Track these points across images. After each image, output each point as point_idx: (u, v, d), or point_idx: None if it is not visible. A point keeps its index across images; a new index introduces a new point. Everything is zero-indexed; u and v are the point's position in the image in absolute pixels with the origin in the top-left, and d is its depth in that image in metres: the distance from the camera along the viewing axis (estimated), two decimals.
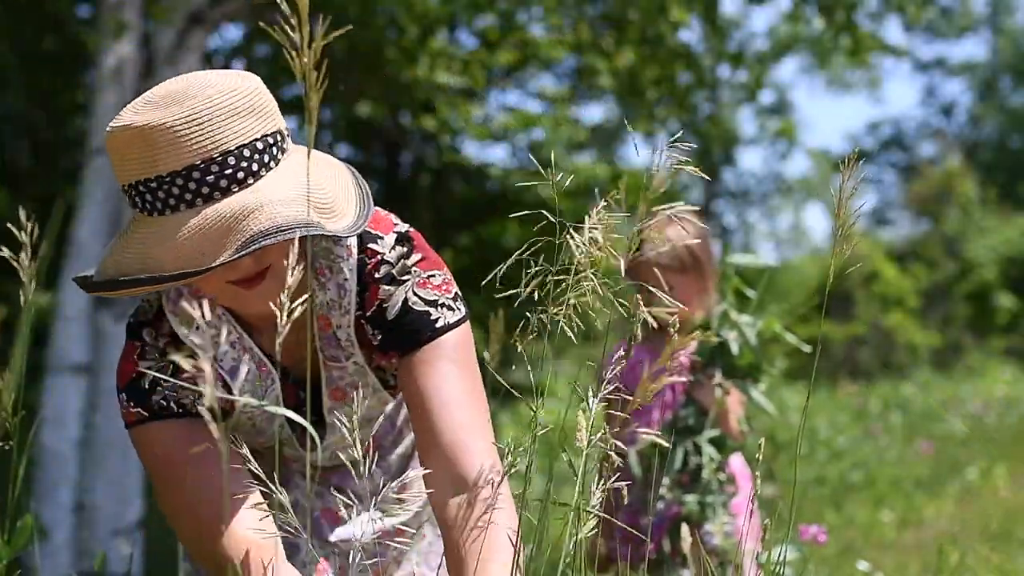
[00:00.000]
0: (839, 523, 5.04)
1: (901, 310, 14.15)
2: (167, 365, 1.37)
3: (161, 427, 1.36)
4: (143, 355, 1.39)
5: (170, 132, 1.20)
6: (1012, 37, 23.16)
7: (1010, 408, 9.15)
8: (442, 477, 1.35)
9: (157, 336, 1.40)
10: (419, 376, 1.39)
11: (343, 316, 1.44)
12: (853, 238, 1.14)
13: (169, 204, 1.23)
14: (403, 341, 1.41)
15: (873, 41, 6.22)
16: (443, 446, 1.35)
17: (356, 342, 1.45)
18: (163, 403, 1.36)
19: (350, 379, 1.49)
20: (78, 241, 3.88)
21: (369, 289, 1.42)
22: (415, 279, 1.42)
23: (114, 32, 3.87)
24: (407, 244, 1.44)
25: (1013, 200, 18.26)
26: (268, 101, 1.28)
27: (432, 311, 1.41)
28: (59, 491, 3.75)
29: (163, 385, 1.37)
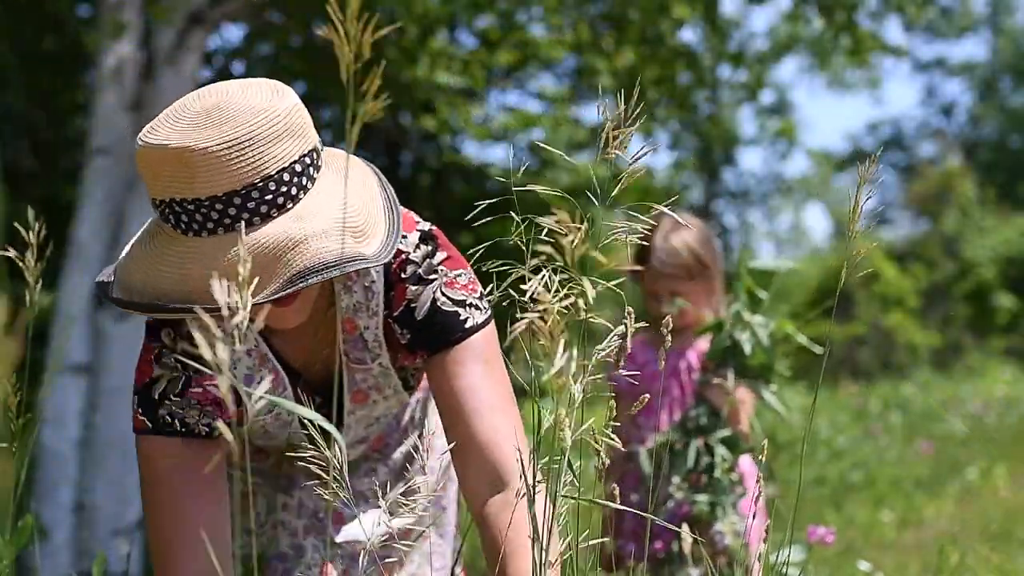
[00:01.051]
0: (839, 523, 5.04)
1: (901, 310, 14.15)
2: (180, 377, 1.37)
3: (161, 443, 1.36)
4: (159, 358, 1.38)
5: (211, 156, 1.18)
6: (1012, 37, 23.16)
7: (1010, 408, 9.15)
8: (479, 478, 1.37)
9: (176, 338, 1.39)
10: (452, 377, 1.40)
11: (371, 318, 1.44)
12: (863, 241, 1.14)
13: (207, 227, 1.21)
14: (433, 341, 1.42)
15: (873, 41, 6.22)
16: (479, 448, 1.37)
17: (384, 343, 1.45)
18: (168, 419, 1.36)
19: (373, 381, 1.49)
20: (78, 241, 3.88)
21: (395, 289, 1.42)
22: (442, 279, 1.42)
23: (114, 32, 3.87)
24: (431, 242, 1.44)
25: (1012, 200, 18.26)
26: (305, 119, 1.27)
27: (461, 311, 1.42)
28: (59, 491, 3.75)
29: (171, 399, 1.37)
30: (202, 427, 1.37)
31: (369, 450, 1.69)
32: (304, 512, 1.66)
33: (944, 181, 17.21)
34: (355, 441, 1.62)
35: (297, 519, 1.65)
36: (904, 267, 15.02)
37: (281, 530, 1.65)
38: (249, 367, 1.43)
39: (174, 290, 1.22)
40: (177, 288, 1.22)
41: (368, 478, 1.68)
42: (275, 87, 1.27)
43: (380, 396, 1.52)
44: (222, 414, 1.37)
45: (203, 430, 1.37)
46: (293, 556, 1.63)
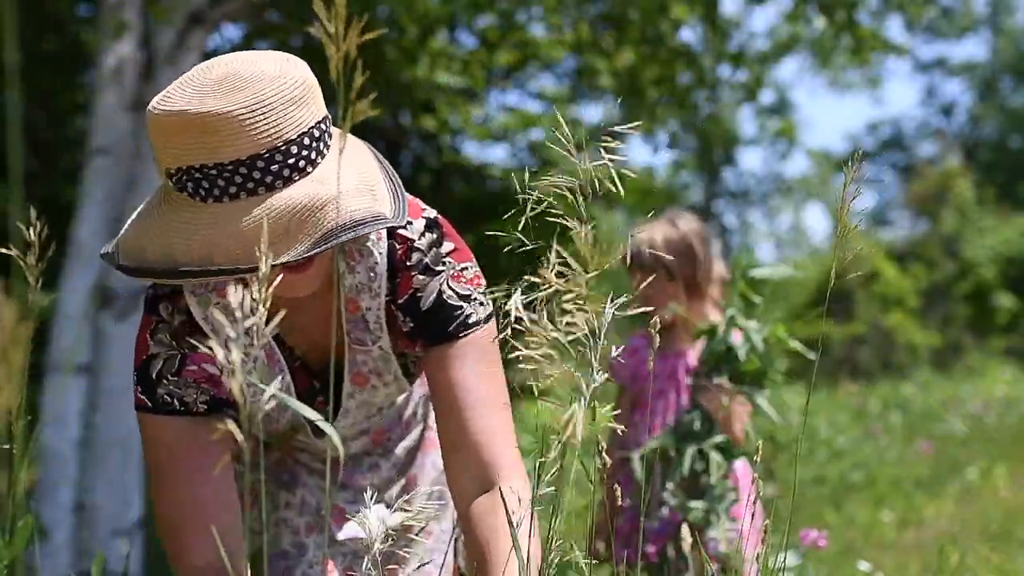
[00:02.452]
0: (839, 523, 5.04)
1: (901, 310, 14.15)
2: (176, 354, 1.38)
3: (161, 421, 1.38)
4: (155, 332, 1.39)
5: (235, 120, 1.19)
6: (1012, 37, 23.16)
7: (1010, 408, 9.15)
8: (468, 476, 1.37)
9: (173, 311, 1.39)
10: (449, 372, 1.40)
11: (373, 299, 1.43)
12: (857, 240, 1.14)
13: (228, 192, 1.21)
14: (435, 333, 1.41)
15: (875, 40, 6.22)
16: (471, 447, 1.37)
17: (385, 327, 1.45)
18: (167, 398, 1.37)
19: (373, 365, 1.49)
20: (78, 241, 3.88)
21: (401, 276, 1.42)
22: (449, 271, 1.42)
23: (114, 32, 3.87)
24: (436, 231, 1.43)
25: (1012, 200, 18.26)
26: (316, 87, 1.29)
27: (465, 306, 1.42)
28: (59, 491, 3.75)
29: (168, 379, 1.37)
30: (200, 405, 1.38)
31: (371, 444, 1.68)
32: (306, 510, 1.66)
33: (943, 181, 17.21)
34: (357, 433, 1.62)
35: (299, 517, 1.65)
36: (904, 267, 15.02)
37: (283, 528, 1.65)
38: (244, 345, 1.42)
39: (189, 256, 1.22)
40: (194, 254, 1.21)
41: (371, 473, 1.68)
42: (285, 56, 1.29)
43: (380, 382, 1.51)
44: (218, 391, 1.38)
45: (201, 408, 1.38)
46: (295, 554, 1.63)
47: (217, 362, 1.35)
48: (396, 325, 1.45)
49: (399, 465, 1.71)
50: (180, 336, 1.38)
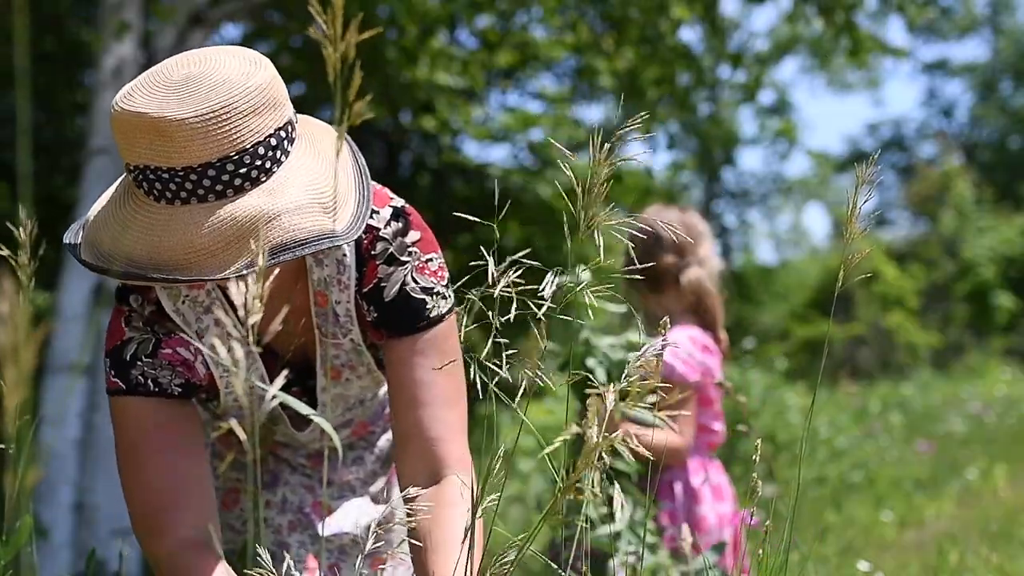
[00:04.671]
0: (839, 523, 5.04)
1: (901, 310, 14.14)
2: (151, 338, 1.38)
3: (134, 403, 1.37)
4: (129, 321, 1.39)
5: (188, 127, 1.19)
6: (1013, 38, 23.15)
7: (1010, 408, 9.15)
8: (417, 469, 1.39)
9: (144, 302, 1.39)
10: (408, 366, 1.41)
11: (342, 292, 1.43)
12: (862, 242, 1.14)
13: (180, 196, 1.22)
14: (396, 325, 1.42)
15: (873, 42, 6.22)
16: (425, 440, 1.39)
17: (355, 318, 1.45)
18: (140, 379, 1.37)
19: (346, 358, 1.49)
20: None
21: (367, 265, 1.42)
22: (414, 262, 1.42)
23: (114, 32, 3.87)
24: (403, 220, 1.43)
25: (1012, 200, 18.25)
26: (281, 91, 1.28)
27: (428, 299, 1.41)
28: (59, 491, 3.75)
29: (143, 361, 1.37)
30: (175, 387, 1.38)
31: (354, 438, 1.68)
32: (289, 508, 1.65)
33: (944, 182, 17.20)
34: (338, 426, 1.61)
35: (280, 515, 1.64)
36: (904, 267, 15.01)
37: (264, 527, 1.65)
38: (218, 336, 1.42)
39: (142, 256, 1.22)
40: (146, 255, 1.22)
41: (355, 467, 1.68)
42: (253, 57, 1.28)
43: (354, 375, 1.52)
44: (192, 376, 1.38)
45: (176, 390, 1.38)
46: (277, 554, 1.63)
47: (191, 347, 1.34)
48: (362, 314, 1.45)
49: (383, 458, 1.71)
50: (152, 324, 1.38)
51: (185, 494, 1.35)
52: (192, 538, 1.33)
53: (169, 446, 1.36)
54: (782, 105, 20.64)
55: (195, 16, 4.03)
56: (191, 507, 1.35)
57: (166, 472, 1.35)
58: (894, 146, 24.11)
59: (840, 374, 12.14)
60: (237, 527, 1.65)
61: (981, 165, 21.26)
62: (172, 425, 1.37)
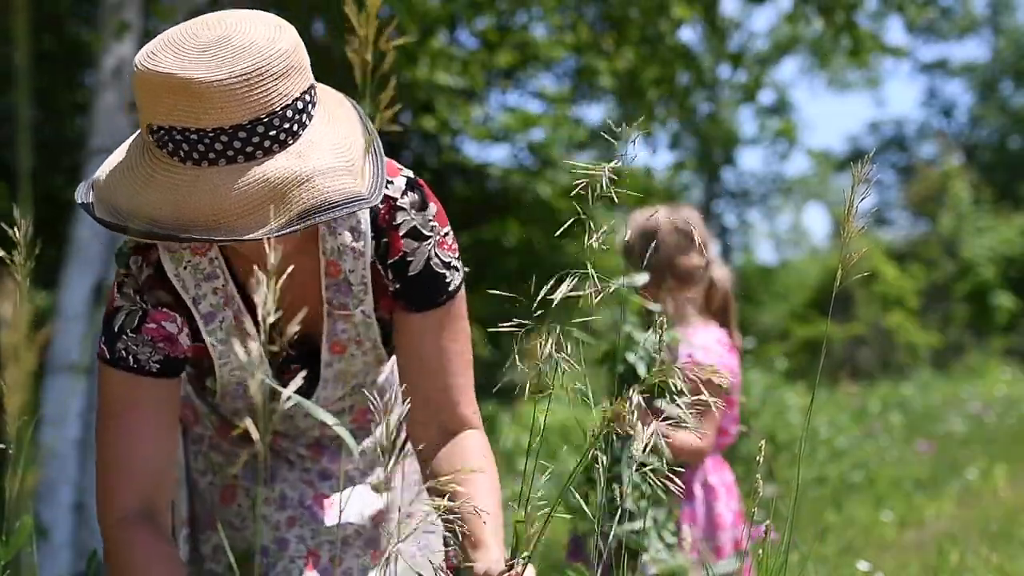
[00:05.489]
0: (839, 523, 5.04)
1: (901, 310, 14.14)
2: (138, 310, 1.39)
3: (114, 375, 1.39)
4: (122, 286, 1.40)
5: (222, 89, 1.19)
6: (1013, 38, 23.15)
7: (1010, 408, 9.15)
8: (435, 429, 1.46)
9: (143, 265, 1.40)
10: (428, 338, 1.45)
11: (356, 260, 1.44)
12: (860, 241, 1.14)
13: (208, 157, 1.22)
14: (420, 299, 1.45)
15: (873, 42, 6.22)
16: (442, 404, 1.46)
17: (370, 288, 1.46)
18: (123, 354, 1.38)
19: (354, 332, 1.50)
20: (78, 241, 3.88)
21: (389, 236, 1.44)
22: (436, 237, 1.45)
23: (114, 32, 3.87)
24: (418, 191, 1.46)
25: (1012, 200, 18.25)
26: (304, 55, 1.29)
27: (447, 274, 1.45)
28: (59, 491, 3.75)
29: (128, 335, 1.39)
30: (153, 364, 1.39)
31: (353, 426, 1.67)
32: (288, 503, 1.64)
33: (943, 182, 17.20)
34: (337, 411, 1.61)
35: (279, 512, 1.63)
36: (904, 267, 15.01)
37: (263, 524, 1.64)
38: (214, 304, 1.43)
39: (166, 216, 1.22)
40: (171, 215, 1.22)
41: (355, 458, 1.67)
42: (277, 22, 1.29)
43: (359, 350, 1.52)
44: (173, 350, 1.40)
45: (153, 367, 1.39)
46: (275, 550, 1.62)
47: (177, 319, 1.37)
48: (382, 284, 1.46)
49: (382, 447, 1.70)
50: (143, 291, 1.39)
51: (140, 473, 1.38)
52: (137, 514, 1.36)
53: (137, 421, 1.38)
54: (782, 105, 20.65)
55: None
56: (143, 486, 1.38)
57: (127, 443, 1.38)
58: (894, 146, 24.11)
59: (840, 374, 12.13)
60: (236, 524, 1.65)
61: (981, 165, 21.25)
62: (143, 405, 1.39)
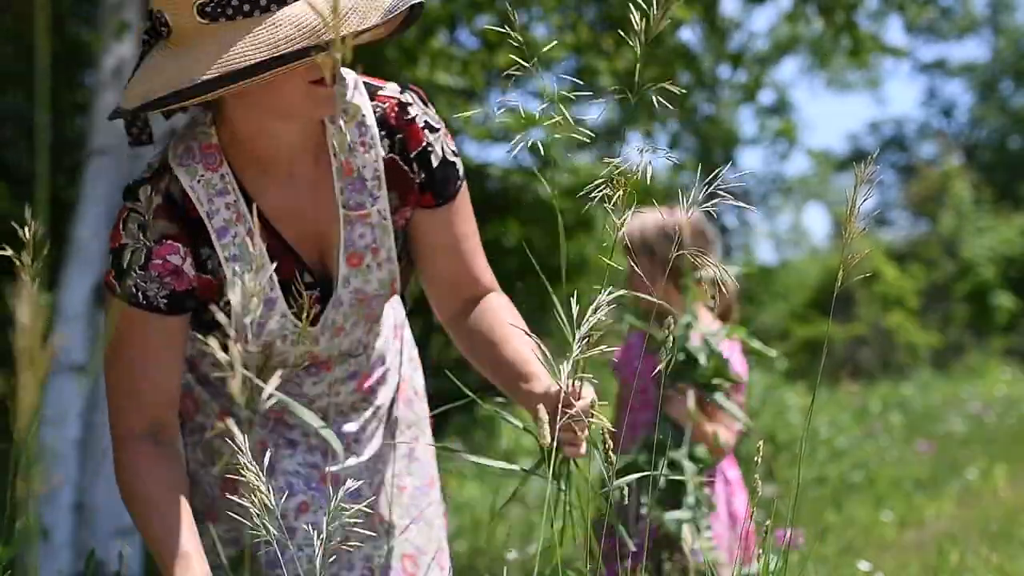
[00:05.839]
0: (839, 523, 5.04)
1: (901, 310, 14.14)
2: (143, 247, 1.45)
3: (127, 311, 1.47)
4: (127, 222, 1.46)
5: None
6: (1013, 38, 23.14)
7: (1010, 408, 9.14)
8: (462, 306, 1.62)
9: (152, 194, 1.46)
10: (454, 223, 1.60)
11: (366, 153, 1.51)
12: (861, 241, 1.15)
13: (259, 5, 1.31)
14: (443, 188, 1.57)
15: (873, 42, 6.22)
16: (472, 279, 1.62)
17: (384, 182, 1.53)
18: (133, 290, 1.45)
19: (371, 237, 1.54)
20: (78, 241, 3.88)
21: (406, 131, 1.54)
22: (443, 129, 1.57)
23: (114, 32, 3.87)
24: (414, 92, 1.57)
25: (1012, 200, 18.24)
26: None
27: (456, 162, 1.59)
28: (59, 491, 3.75)
29: (136, 272, 1.45)
30: (160, 300, 1.46)
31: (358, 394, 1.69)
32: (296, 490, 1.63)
33: (943, 182, 17.19)
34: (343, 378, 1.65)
35: (289, 499, 1.64)
36: (904, 267, 15.01)
37: (269, 514, 1.64)
38: (226, 219, 1.47)
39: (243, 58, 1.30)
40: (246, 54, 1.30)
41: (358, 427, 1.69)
42: None
43: (374, 261, 1.55)
44: (178, 284, 1.46)
45: (161, 303, 1.46)
46: (281, 540, 1.62)
47: (180, 251, 1.44)
48: (406, 180, 1.55)
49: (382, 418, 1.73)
50: (148, 226, 1.45)
51: (147, 397, 1.48)
52: (143, 434, 1.48)
53: (145, 354, 1.47)
54: (782, 105, 20.63)
55: None
56: (150, 409, 1.48)
57: (135, 376, 1.48)
58: (894, 146, 24.10)
59: (840, 374, 12.13)
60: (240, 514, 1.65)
61: (981, 165, 21.24)
62: (152, 338, 1.47)
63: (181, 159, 1.46)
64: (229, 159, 1.48)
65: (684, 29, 6.29)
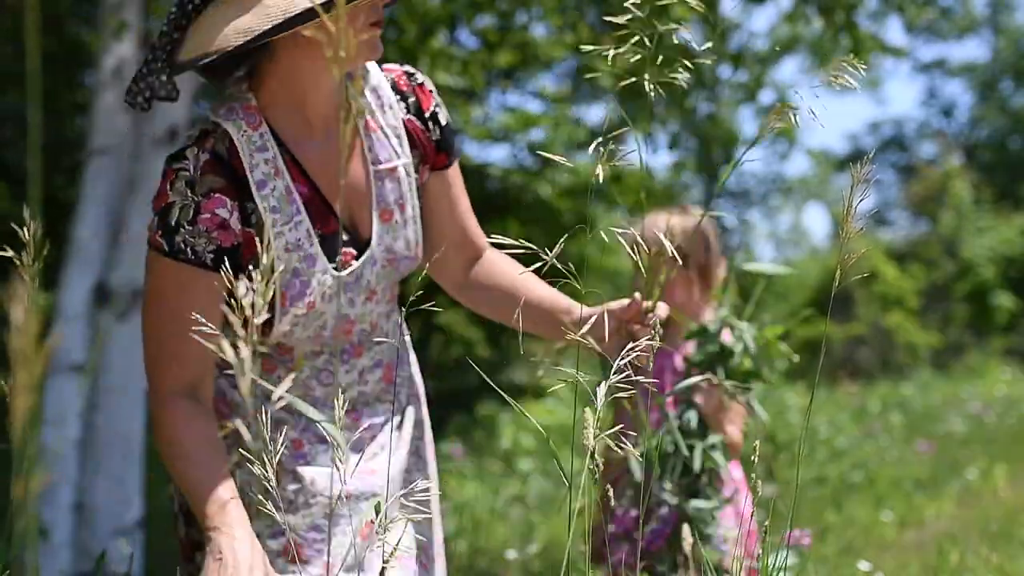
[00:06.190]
0: (839, 523, 5.04)
1: (901, 310, 14.13)
2: (191, 203, 1.51)
3: (170, 264, 1.52)
4: (174, 183, 1.52)
5: None
6: (1013, 38, 23.14)
7: (1010, 408, 9.14)
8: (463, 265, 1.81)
9: (199, 153, 1.53)
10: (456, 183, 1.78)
11: (385, 112, 1.66)
12: (859, 241, 1.15)
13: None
14: (451, 146, 1.75)
15: (873, 42, 6.22)
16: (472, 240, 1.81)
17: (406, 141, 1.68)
18: (182, 246, 1.51)
19: (399, 192, 1.65)
20: (78, 241, 3.88)
21: (417, 94, 1.70)
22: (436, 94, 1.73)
23: (114, 32, 3.87)
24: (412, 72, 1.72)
25: (1012, 200, 18.23)
26: None
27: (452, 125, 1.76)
28: (59, 491, 3.75)
29: (185, 228, 1.51)
30: (208, 255, 1.52)
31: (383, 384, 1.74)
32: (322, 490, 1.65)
33: (943, 182, 17.19)
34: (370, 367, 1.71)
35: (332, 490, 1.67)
36: (904, 267, 15.00)
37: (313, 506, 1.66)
38: (265, 174, 1.56)
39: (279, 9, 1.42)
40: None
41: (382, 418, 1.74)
42: None
43: (402, 218, 1.66)
44: (224, 239, 1.52)
45: (208, 258, 1.52)
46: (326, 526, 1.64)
47: (227, 204, 1.51)
48: (424, 139, 1.70)
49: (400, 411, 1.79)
50: (196, 182, 1.52)
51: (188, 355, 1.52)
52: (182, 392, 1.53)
53: (186, 308, 1.49)
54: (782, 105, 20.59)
55: None
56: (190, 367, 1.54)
57: (178, 328, 1.50)
58: (894, 146, 24.09)
59: (840, 374, 12.14)
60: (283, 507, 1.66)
61: (981, 165, 21.24)
62: (195, 293, 1.51)
63: (225, 116, 1.55)
64: (268, 120, 1.56)
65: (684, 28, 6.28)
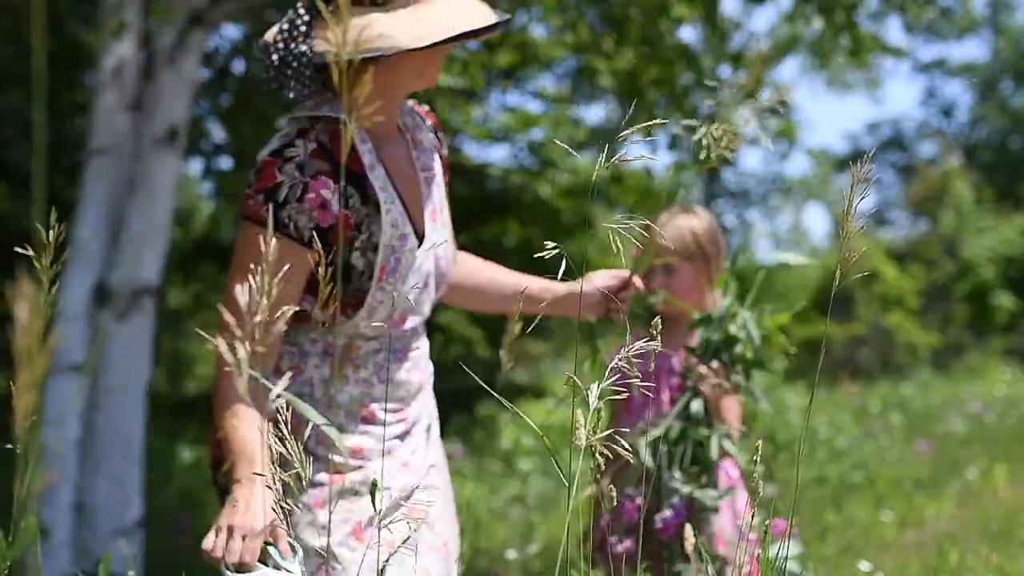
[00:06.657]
0: (839, 523, 5.04)
1: (901, 310, 14.13)
2: (300, 183, 1.65)
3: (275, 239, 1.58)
4: (283, 168, 1.67)
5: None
6: (1013, 38, 23.13)
7: (1010, 408, 9.14)
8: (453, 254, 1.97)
9: (306, 142, 1.69)
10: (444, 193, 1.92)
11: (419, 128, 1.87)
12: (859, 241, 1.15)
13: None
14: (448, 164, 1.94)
15: (873, 42, 6.22)
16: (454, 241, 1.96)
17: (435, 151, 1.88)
18: (286, 220, 1.64)
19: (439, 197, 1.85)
20: (78, 241, 3.88)
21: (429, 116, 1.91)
22: None
23: (114, 32, 3.87)
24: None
25: (1012, 200, 18.23)
26: None
27: None
28: (59, 491, 3.75)
29: (291, 204, 1.64)
30: (307, 231, 1.65)
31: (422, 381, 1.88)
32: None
33: (943, 182, 17.18)
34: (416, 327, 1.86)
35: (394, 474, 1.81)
36: (904, 267, 15.00)
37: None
38: (370, 160, 1.74)
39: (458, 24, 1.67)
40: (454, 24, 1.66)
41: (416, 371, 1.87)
42: None
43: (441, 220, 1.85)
44: (322, 219, 1.65)
45: (307, 234, 1.65)
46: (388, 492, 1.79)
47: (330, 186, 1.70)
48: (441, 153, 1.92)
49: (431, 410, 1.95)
50: (305, 166, 1.67)
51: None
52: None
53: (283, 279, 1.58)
54: (782, 105, 20.59)
55: (195, 15, 4.02)
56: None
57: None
58: (894, 146, 24.08)
59: (840, 374, 12.14)
60: None
61: (981, 165, 21.23)
62: (291, 268, 1.57)
63: (331, 110, 1.70)
64: None
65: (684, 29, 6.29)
